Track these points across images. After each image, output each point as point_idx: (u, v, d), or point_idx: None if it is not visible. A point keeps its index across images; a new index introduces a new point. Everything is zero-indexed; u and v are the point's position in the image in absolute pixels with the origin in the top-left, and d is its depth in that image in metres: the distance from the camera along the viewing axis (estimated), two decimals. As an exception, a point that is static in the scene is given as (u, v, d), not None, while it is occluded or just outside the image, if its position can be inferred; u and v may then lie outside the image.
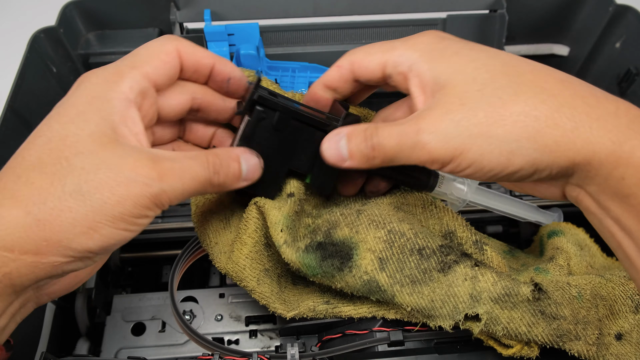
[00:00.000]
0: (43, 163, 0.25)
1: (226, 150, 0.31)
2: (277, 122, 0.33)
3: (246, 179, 0.32)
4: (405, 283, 0.33)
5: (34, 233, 0.24)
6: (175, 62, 0.31)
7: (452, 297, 0.32)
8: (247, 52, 0.54)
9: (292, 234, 0.35)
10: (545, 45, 0.64)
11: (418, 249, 0.33)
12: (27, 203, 0.24)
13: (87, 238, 0.25)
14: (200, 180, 0.28)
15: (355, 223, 0.35)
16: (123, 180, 0.25)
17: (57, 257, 0.25)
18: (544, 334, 0.31)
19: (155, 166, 0.26)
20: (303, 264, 0.34)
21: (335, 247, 0.34)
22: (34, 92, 0.51)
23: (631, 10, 0.55)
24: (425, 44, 0.30)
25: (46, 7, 0.66)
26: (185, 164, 0.28)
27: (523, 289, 0.31)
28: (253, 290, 0.37)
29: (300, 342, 0.38)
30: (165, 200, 0.27)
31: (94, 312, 0.49)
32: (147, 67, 0.29)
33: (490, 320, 0.31)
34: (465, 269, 0.32)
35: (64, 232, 0.25)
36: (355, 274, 0.33)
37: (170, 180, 0.27)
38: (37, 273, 0.25)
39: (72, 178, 0.25)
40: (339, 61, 0.33)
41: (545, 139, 0.25)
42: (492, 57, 0.28)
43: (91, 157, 0.25)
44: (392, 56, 0.30)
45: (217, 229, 0.38)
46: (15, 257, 0.24)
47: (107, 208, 0.25)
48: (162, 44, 0.31)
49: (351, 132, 0.30)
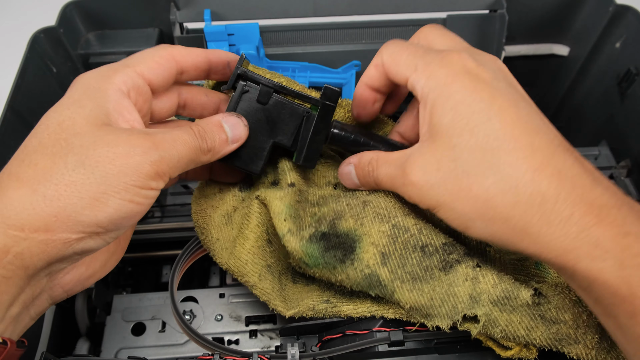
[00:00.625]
0: (44, 146, 0.26)
1: (206, 119, 0.33)
2: (260, 95, 0.35)
3: (234, 140, 0.33)
4: (406, 279, 0.32)
5: (42, 210, 0.25)
6: (170, 65, 0.32)
7: (451, 297, 0.32)
8: (247, 52, 0.54)
9: (296, 223, 0.35)
10: (545, 45, 0.64)
11: (421, 246, 0.33)
12: (32, 182, 0.25)
13: (95, 210, 0.26)
14: (191, 146, 0.30)
15: (361, 215, 0.35)
16: (121, 152, 0.26)
17: (67, 233, 0.25)
18: (542, 338, 0.31)
19: (149, 137, 0.28)
20: (306, 253, 0.34)
21: (339, 238, 0.34)
22: (34, 92, 0.51)
23: (631, 10, 0.55)
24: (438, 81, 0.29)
25: (46, 7, 0.66)
26: (174, 133, 0.29)
27: (523, 293, 0.31)
28: (254, 285, 0.37)
29: (300, 342, 0.38)
30: (164, 168, 0.28)
31: (94, 312, 0.49)
32: (141, 66, 0.31)
33: (489, 322, 0.31)
34: (466, 269, 0.32)
35: (71, 205, 0.25)
36: (356, 267, 0.33)
37: (165, 147, 0.28)
38: (48, 252, 0.25)
39: (73, 155, 0.26)
40: (375, 59, 0.34)
41: (495, 227, 0.27)
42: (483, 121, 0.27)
43: (88, 136, 0.27)
44: (412, 79, 0.31)
45: (219, 224, 0.38)
46: (26, 235, 0.24)
47: (110, 178, 0.26)
48: (156, 49, 0.32)
49: (357, 165, 0.35)
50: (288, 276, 0.39)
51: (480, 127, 0.27)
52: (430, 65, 0.30)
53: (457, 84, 0.29)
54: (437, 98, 0.29)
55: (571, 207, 0.26)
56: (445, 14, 0.59)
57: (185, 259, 0.41)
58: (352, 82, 0.60)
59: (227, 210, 0.39)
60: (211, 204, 0.39)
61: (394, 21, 0.59)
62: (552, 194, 0.26)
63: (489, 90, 0.29)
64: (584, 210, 0.26)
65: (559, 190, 0.26)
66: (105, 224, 0.26)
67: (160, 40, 0.59)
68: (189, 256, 0.42)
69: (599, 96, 0.61)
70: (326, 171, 0.40)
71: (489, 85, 0.29)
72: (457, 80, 0.29)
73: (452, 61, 0.30)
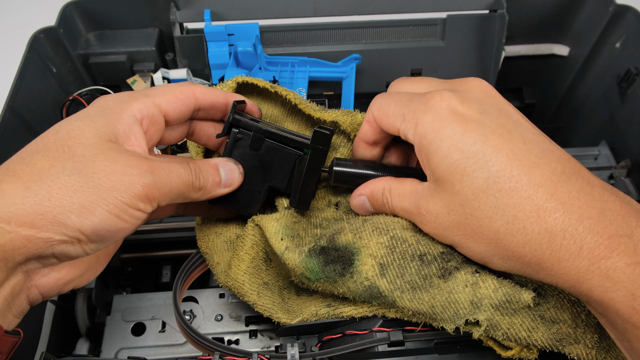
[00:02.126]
0: (47, 148, 0.27)
1: (204, 160, 0.34)
2: (252, 142, 0.36)
3: (227, 185, 0.35)
4: (405, 289, 0.33)
5: (30, 206, 0.25)
6: (189, 101, 0.34)
7: (452, 304, 0.32)
8: (244, 49, 0.54)
9: (294, 241, 0.35)
10: (545, 45, 0.64)
11: (419, 255, 0.33)
12: (27, 179, 0.26)
13: (82, 217, 0.26)
14: (184, 180, 0.31)
15: (360, 229, 0.35)
16: (118, 169, 0.27)
17: (50, 233, 0.26)
18: (543, 339, 0.31)
19: (148, 162, 0.29)
20: (306, 267, 0.34)
21: (338, 252, 0.34)
22: (33, 92, 0.51)
23: (631, 10, 0.55)
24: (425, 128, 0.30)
25: (46, 7, 0.66)
26: (172, 164, 0.31)
27: (524, 296, 0.31)
28: (255, 303, 0.37)
29: (300, 342, 0.38)
30: (155, 193, 0.29)
31: (94, 312, 0.49)
32: (160, 99, 0.32)
33: (491, 326, 0.31)
34: (466, 275, 0.32)
35: (59, 207, 0.26)
36: (356, 280, 0.33)
37: (160, 174, 0.29)
38: (29, 247, 0.26)
39: (72, 162, 0.27)
40: (367, 116, 0.36)
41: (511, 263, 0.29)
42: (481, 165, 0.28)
43: (91, 148, 0.27)
44: (402, 127, 0.32)
45: (221, 249, 0.39)
46: (11, 228, 0.25)
47: (102, 190, 0.27)
48: (180, 85, 0.34)
49: (370, 196, 0.36)
50: (291, 290, 0.39)
51: (478, 171, 0.28)
52: (416, 113, 0.31)
53: (445, 130, 0.29)
54: (429, 146, 0.30)
55: (579, 242, 0.26)
56: (445, 14, 0.59)
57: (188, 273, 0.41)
58: (352, 76, 0.60)
59: (229, 237, 0.40)
60: (214, 230, 0.40)
61: (394, 21, 0.59)
62: (559, 230, 0.26)
63: (479, 129, 0.29)
64: (592, 243, 0.26)
65: (565, 225, 0.26)
66: (89, 233, 0.27)
67: (160, 40, 0.58)
68: (192, 271, 0.42)
69: (599, 96, 0.61)
70: (325, 193, 0.41)
71: (478, 123, 0.29)
72: (444, 125, 0.29)
73: (435, 104, 0.30)
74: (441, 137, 0.29)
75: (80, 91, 0.55)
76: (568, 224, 0.26)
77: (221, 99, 0.36)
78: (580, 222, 0.26)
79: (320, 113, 0.39)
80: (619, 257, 0.25)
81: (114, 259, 0.52)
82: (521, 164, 0.28)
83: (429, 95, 0.31)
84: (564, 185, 0.27)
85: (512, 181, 0.27)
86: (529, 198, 0.27)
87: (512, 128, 0.29)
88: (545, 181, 0.27)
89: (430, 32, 0.60)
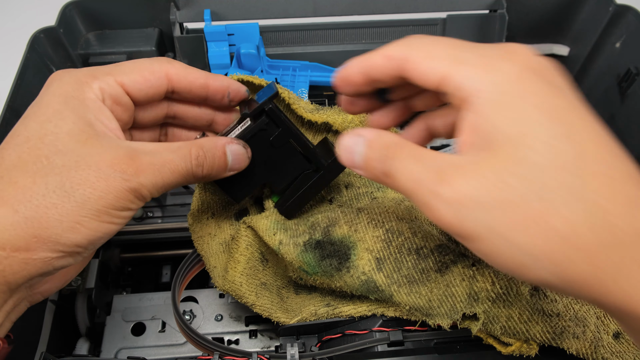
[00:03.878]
0: (24, 162, 0.26)
1: (212, 140, 0.31)
2: (276, 138, 0.34)
3: (232, 169, 0.32)
4: (402, 283, 0.33)
5: (23, 230, 0.25)
6: (159, 83, 0.31)
7: (449, 297, 0.32)
8: (248, 51, 0.54)
9: (287, 233, 0.35)
10: (545, 45, 0.64)
11: (416, 249, 0.33)
12: (13, 202, 0.25)
13: (75, 232, 0.26)
14: (180, 173, 0.29)
15: (355, 221, 0.35)
16: (102, 176, 0.26)
17: (47, 253, 0.26)
18: (542, 332, 0.31)
19: (133, 162, 0.27)
20: (303, 261, 0.34)
21: (334, 246, 0.34)
22: (33, 92, 0.50)
23: (631, 10, 0.55)
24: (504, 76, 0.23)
25: (46, 7, 0.66)
26: (165, 157, 0.28)
27: (522, 288, 0.31)
28: (254, 304, 0.37)
29: (300, 342, 0.38)
30: (145, 193, 0.28)
31: (94, 312, 0.49)
32: (124, 77, 0.30)
33: (489, 319, 0.31)
34: (463, 268, 0.32)
35: (52, 228, 0.25)
36: (353, 274, 0.33)
37: (148, 174, 0.27)
38: (29, 270, 0.25)
39: (54, 176, 0.26)
40: (391, 49, 0.27)
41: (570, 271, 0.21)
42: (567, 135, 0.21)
43: (70, 154, 0.26)
44: (458, 73, 0.24)
45: (216, 252, 0.39)
46: (7, 254, 0.25)
47: (90, 203, 0.26)
48: (151, 63, 0.31)
49: (373, 141, 0.26)
50: (290, 289, 0.39)
51: (564, 141, 0.21)
52: (486, 57, 0.23)
53: (529, 84, 0.23)
54: (503, 98, 0.22)
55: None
56: (445, 14, 0.59)
57: (187, 271, 0.41)
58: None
59: (224, 238, 0.39)
60: (208, 231, 0.40)
61: (394, 21, 0.59)
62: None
63: (567, 98, 0.23)
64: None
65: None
66: (85, 245, 0.27)
67: (160, 40, 0.58)
68: (191, 268, 0.42)
69: (599, 96, 0.61)
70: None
71: (565, 92, 0.23)
72: (529, 79, 0.23)
73: (517, 54, 0.24)
74: (524, 91, 0.22)
75: (80, 91, 0.54)
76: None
77: (199, 82, 0.32)
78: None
79: (312, 115, 0.39)
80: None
81: (114, 259, 0.52)
82: (610, 149, 0.22)
83: (505, 44, 0.24)
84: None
85: (601, 163, 0.21)
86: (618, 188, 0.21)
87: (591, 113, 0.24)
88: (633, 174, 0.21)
89: (430, 32, 0.60)
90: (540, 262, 0.21)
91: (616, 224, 0.20)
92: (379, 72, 0.27)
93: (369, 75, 0.28)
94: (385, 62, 0.27)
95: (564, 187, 0.21)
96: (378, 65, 0.27)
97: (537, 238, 0.21)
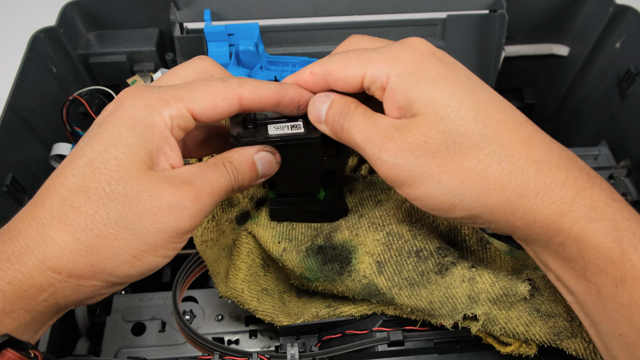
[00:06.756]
0: (87, 186, 0.26)
1: (239, 152, 0.31)
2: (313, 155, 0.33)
3: (263, 176, 0.32)
4: (403, 286, 0.33)
5: (81, 258, 0.25)
6: (230, 110, 0.29)
7: (450, 299, 0.32)
8: (246, 48, 0.54)
9: (292, 242, 0.36)
10: (545, 45, 0.64)
11: (416, 251, 0.33)
12: (75, 228, 0.25)
13: (130, 266, 0.26)
14: (226, 190, 0.29)
15: (356, 226, 0.35)
16: (164, 206, 0.26)
17: (99, 282, 0.26)
18: (541, 333, 0.31)
19: (191, 189, 0.27)
20: (306, 267, 0.34)
21: (335, 250, 0.34)
22: (33, 92, 0.51)
23: (631, 10, 0.55)
24: (406, 62, 0.28)
25: (46, 7, 0.66)
26: (211, 177, 0.28)
27: (521, 288, 0.31)
28: (256, 310, 0.37)
29: (300, 342, 0.38)
30: (201, 219, 0.28)
31: (94, 312, 0.49)
32: (196, 106, 0.28)
33: (488, 320, 0.31)
34: (462, 270, 0.32)
35: (109, 259, 0.25)
36: (354, 278, 0.33)
37: (204, 196, 0.28)
38: (78, 296, 0.26)
39: (116, 205, 0.25)
40: (313, 67, 0.31)
41: (488, 200, 0.26)
42: (467, 94, 0.27)
43: (132, 183, 0.26)
44: (370, 70, 0.29)
45: (219, 258, 0.39)
46: (62, 279, 0.25)
47: (149, 236, 0.26)
48: (225, 88, 0.29)
49: (335, 99, 0.31)
50: (292, 293, 0.40)
51: (467, 98, 0.27)
52: (390, 52, 0.29)
53: (427, 63, 0.28)
54: (409, 77, 0.27)
55: (565, 172, 0.26)
56: (445, 14, 0.59)
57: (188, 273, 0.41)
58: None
59: (227, 243, 0.39)
60: (210, 236, 0.40)
61: (394, 21, 0.59)
62: (545, 161, 0.26)
63: (461, 70, 0.28)
64: (576, 175, 0.26)
65: (550, 158, 0.26)
66: (136, 277, 0.27)
67: (160, 40, 0.58)
68: (192, 270, 0.42)
69: (599, 96, 0.61)
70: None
71: (458, 67, 0.29)
72: (426, 60, 0.28)
73: (414, 44, 0.29)
74: (425, 68, 0.27)
75: (81, 91, 0.54)
76: (552, 158, 0.26)
77: (271, 101, 0.30)
78: (562, 159, 0.27)
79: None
80: (600, 190, 0.26)
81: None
82: (504, 103, 0.28)
83: (404, 40, 0.29)
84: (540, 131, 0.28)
85: (499, 113, 0.27)
86: (515, 131, 0.27)
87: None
88: (526, 121, 0.28)
89: (430, 32, 0.60)
90: (464, 198, 0.27)
91: (515, 156, 0.26)
92: (309, 87, 0.32)
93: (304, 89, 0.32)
94: (312, 78, 0.31)
95: (475, 134, 0.26)
96: (306, 80, 0.31)
97: (459, 178, 0.26)
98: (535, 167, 0.26)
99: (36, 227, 0.25)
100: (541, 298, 0.32)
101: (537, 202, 0.26)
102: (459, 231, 0.36)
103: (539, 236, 0.27)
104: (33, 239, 0.25)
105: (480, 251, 0.36)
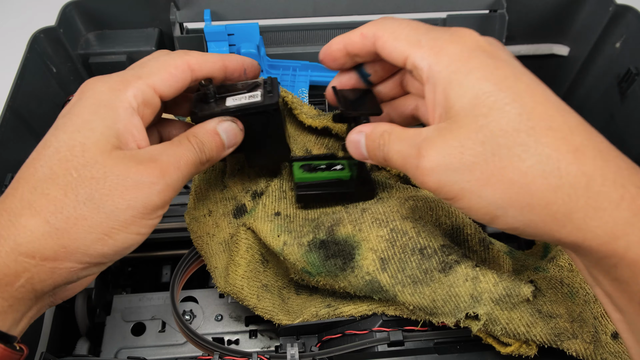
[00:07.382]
0: (55, 174, 0.26)
1: (202, 127, 0.32)
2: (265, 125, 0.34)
3: (230, 146, 0.33)
4: (406, 283, 0.33)
5: (52, 241, 0.26)
6: (185, 76, 0.31)
7: (453, 297, 0.32)
8: (248, 50, 0.54)
9: (292, 234, 0.35)
10: (545, 45, 0.64)
11: (419, 249, 0.33)
12: (45, 213, 0.26)
13: (102, 244, 0.27)
14: (193, 163, 0.30)
15: (359, 221, 0.35)
16: (131, 183, 0.27)
17: (74, 263, 0.26)
18: (542, 334, 0.31)
19: (157, 165, 0.28)
20: (308, 262, 0.34)
21: (338, 246, 0.34)
22: (33, 92, 0.51)
23: (631, 10, 0.55)
24: (451, 57, 0.27)
25: (46, 7, 0.66)
26: (177, 152, 0.29)
27: (524, 290, 0.31)
28: (255, 307, 0.37)
29: (300, 342, 0.38)
30: (171, 194, 0.29)
31: (94, 312, 0.49)
32: (154, 78, 0.30)
33: (490, 320, 0.31)
34: (466, 269, 0.32)
35: (80, 239, 0.26)
36: (357, 274, 0.33)
37: (171, 172, 0.28)
38: (55, 278, 0.26)
39: (84, 188, 0.26)
40: (364, 29, 0.31)
41: (532, 215, 0.24)
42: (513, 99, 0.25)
43: (97, 166, 0.27)
44: (415, 55, 0.28)
45: (217, 252, 0.39)
46: (36, 263, 0.25)
47: (118, 214, 0.27)
48: (172, 58, 0.31)
49: (369, 135, 0.30)
50: (291, 289, 0.39)
51: (512, 105, 0.24)
52: (438, 40, 0.27)
53: (474, 61, 0.26)
54: (453, 76, 0.26)
55: (621, 190, 0.23)
56: (445, 14, 0.59)
57: (185, 268, 0.41)
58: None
59: (224, 237, 0.39)
60: (206, 230, 0.40)
61: (394, 21, 0.59)
62: (599, 175, 0.23)
63: (511, 69, 0.26)
64: (634, 193, 0.23)
65: (605, 171, 0.23)
66: (110, 256, 0.28)
67: (160, 40, 0.58)
68: (189, 265, 0.42)
69: (599, 96, 0.61)
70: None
71: (509, 63, 0.26)
72: (474, 57, 0.26)
73: (463, 37, 0.27)
74: (469, 68, 0.26)
75: (80, 91, 0.54)
76: (607, 171, 0.23)
77: (218, 66, 0.32)
78: (619, 170, 0.23)
79: (312, 120, 0.39)
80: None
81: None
82: (555, 106, 0.25)
83: (454, 29, 0.28)
84: (597, 135, 0.25)
85: (548, 119, 0.24)
86: (565, 139, 0.24)
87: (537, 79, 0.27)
88: (580, 126, 0.24)
89: (430, 32, 0.60)
90: (507, 211, 0.25)
91: (564, 169, 0.23)
92: (357, 48, 0.31)
93: (348, 50, 0.32)
94: (361, 39, 0.31)
95: (517, 145, 0.24)
96: (355, 42, 0.31)
97: (500, 191, 0.24)
98: (585, 181, 0.23)
99: (8, 217, 0.26)
100: (543, 299, 0.32)
101: (587, 222, 0.23)
102: (462, 231, 0.36)
103: (589, 253, 0.25)
104: (5, 229, 0.25)
105: (483, 251, 0.36)
